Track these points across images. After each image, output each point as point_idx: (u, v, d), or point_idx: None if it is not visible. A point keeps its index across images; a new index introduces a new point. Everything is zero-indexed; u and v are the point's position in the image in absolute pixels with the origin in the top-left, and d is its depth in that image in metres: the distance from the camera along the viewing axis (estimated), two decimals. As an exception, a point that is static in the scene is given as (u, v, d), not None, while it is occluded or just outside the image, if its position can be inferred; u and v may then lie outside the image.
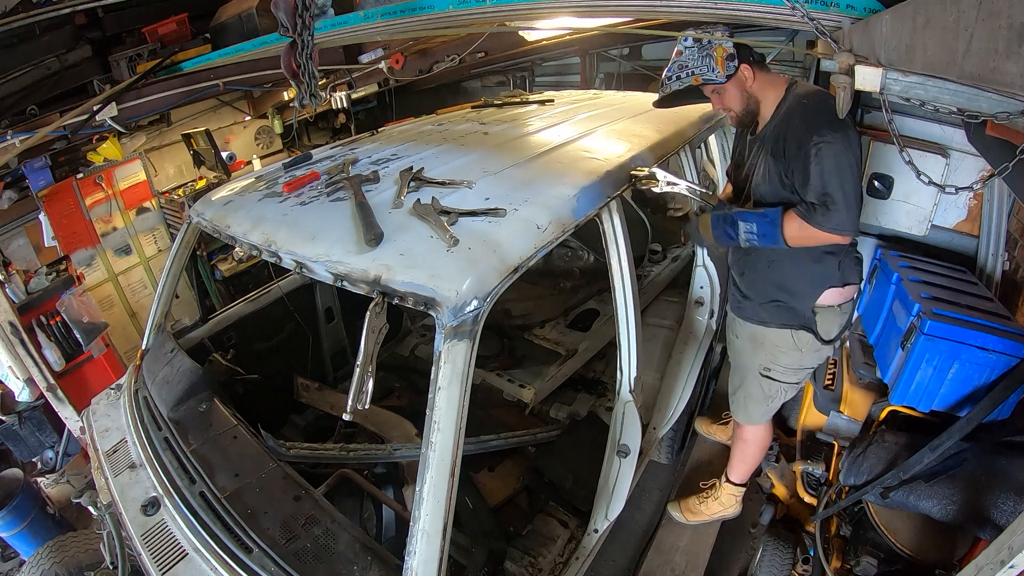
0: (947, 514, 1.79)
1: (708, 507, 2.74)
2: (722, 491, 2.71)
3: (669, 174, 1.90)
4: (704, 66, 1.87)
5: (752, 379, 2.32)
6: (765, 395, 2.32)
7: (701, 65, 1.87)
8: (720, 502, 2.72)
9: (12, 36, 3.09)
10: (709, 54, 1.87)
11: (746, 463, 2.63)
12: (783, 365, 2.21)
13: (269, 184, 1.98)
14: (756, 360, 2.27)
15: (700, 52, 1.87)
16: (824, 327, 2.10)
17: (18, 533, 2.80)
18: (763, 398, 2.33)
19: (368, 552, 1.47)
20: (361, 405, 1.22)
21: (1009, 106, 0.98)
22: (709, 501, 2.74)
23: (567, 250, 3.51)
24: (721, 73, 1.87)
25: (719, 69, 1.87)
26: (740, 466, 2.64)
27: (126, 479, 1.80)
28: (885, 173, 2.97)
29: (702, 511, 2.75)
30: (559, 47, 4.56)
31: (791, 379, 2.25)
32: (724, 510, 2.72)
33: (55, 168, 3.62)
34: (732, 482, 2.68)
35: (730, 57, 1.86)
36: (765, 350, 2.22)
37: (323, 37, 2.31)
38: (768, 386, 2.28)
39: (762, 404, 2.35)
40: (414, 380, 3.03)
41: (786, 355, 2.18)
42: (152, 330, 2.27)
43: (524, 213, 1.56)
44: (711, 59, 1.87)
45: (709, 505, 2.74)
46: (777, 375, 2.24)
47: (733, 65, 1.87)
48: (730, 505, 2.72)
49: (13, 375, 3.05)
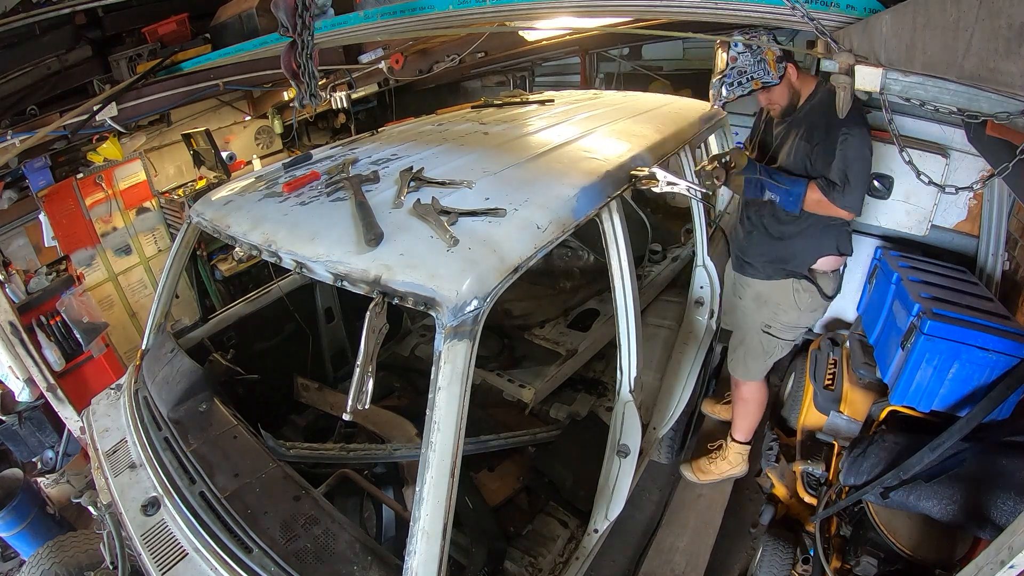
0: (947, 514, 1.79)
1: (717, 466, 2.97)
2: (729, 450, 2.95)
3: (669, 174, 1.90)
4: (761, 70, 2.10)
5: (753, 336, 2.59)
6: (764, 351, 2.59)
7: (758, 70, 2.10)
8: (728, 460, 2.95)
9: (12, 36, 3.09)
10: (762, 59, 2.09)
11: (747, 419, 2.86)
12: (782, 322, 2.50)
13: (269, 184, 1.98)
14: (759, 317, 2.55)
15: (754, 57, 2.08)
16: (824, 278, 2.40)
17: (18, 533, 2.80)
18: (762, 354, 2.60)
19: (368, 552, 1.47)
20: (361, 405, 1.22)
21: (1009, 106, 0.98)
22: (718, 460, 2.97)
23: (567, 250, 3.51)
24: (775, 75, 2.11)
25: (772, 72, 2.10)
26: (743, 423, 2.87)
27: (126, 479, 1.80)
28: (885, 173, 2.97)
29: (712, 470, 2.98)
30: (559, 47, 4.55)
31: (788, 336, 2.54)
32: (732, 468, 2.94)
33: (55, 168, 3.62)
34: (737, 440, 2.91)
35: (779, 59, 2.10)
36: (768, 307, 2.51)
37: (323, 37, 2.31)
38: (768, 342, 2.56)
39: (760, 360, 2.62)
40: (414, 380, 3.02)
41: (787, 313, 2.47)
42: (152, 330, 2.27)
43: (524, 213, 1.56)
44: (765, 63, 2.09)
45: (718, 464, 2.97)
46: (776, 332, 2.53)
47: (782, 66, 2.12)
48: (737, 464, 2.94)
49: (13, 375, 3.05)
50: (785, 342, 2.57)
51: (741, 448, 2.94)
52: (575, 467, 2.18)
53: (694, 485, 3.01)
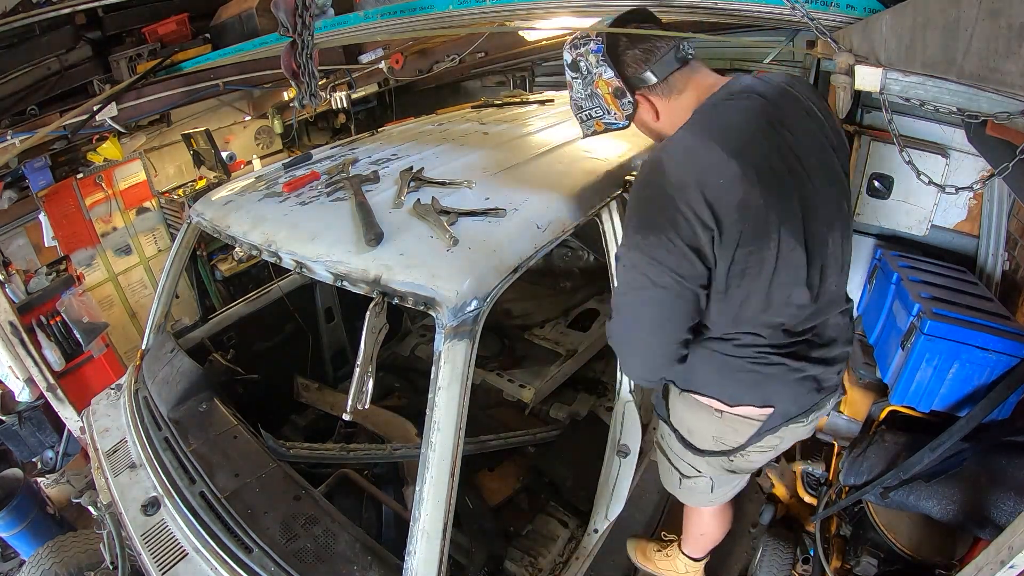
0: (947, 514, 1.79)
1: (661, 561, 2.31)
2: (675, 556, 2.26)
3: None
4: (598, 107, 1.41)
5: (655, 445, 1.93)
6: (664, 470, 1.86)
7: (594, 106, 1.42)
8: (673, 565, 2.26)
9: (12, 36, 3.09)
10: (594, 92, 1.39)
11: (690, 541, 2.17)
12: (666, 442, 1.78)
13: (269, 184, 1.98)
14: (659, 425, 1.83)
15: (585, 88, 1.41)
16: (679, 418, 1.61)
17: (18, 533, 2.80)
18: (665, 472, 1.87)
19: (368, 552, 1.47)
20: (361, 405, 1.22)
21: (1009, 106, 0.98)
22: (662, 556, 2.32)
23: (567, 250, 3.51)
24: (619, 115, 1.40)
25: (615, 110, 1.39)
26: (687, 539, 2.19)
27: (126, 479, 1.80)
28: (885, 173, 2.97)
29: (654, 561, 2.33)
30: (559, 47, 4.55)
31: (679, 466, 1.75)
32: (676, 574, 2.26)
33: (55, 168, 3.62)
34: (684, 553, 2.22)
35: (619, 92, 1.36)
36: None
37: (323, 37, 2.31)
38: (663, 461, 1.84)
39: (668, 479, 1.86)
40: (414, 380, 3.02)
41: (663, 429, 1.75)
42: (152, 330, 2.27)
43: (524, 213, 1.56)
44: (599, 98, 1.40)
45: (662, 560, 2.31)
46: (666, 450, 1.80)
47: (629, 101, 1.36)
48: (682, 572, 2.24)
49: (13, 375, 3.05)
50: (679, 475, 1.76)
51: (689, 563, 2.20)
52: (575, 467, 2.18)
53: None
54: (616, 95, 1.36)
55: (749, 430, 1.49)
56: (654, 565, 2.34)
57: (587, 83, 1.39)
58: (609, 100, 1.38)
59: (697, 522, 2.05)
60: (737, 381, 1.42)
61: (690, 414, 1.56)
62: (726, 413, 1.48)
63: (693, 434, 1.59)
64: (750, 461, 1.58)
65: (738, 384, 1.43)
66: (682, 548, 2.23)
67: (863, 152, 3.00)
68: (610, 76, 1.34)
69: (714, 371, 1.43)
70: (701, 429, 1.56)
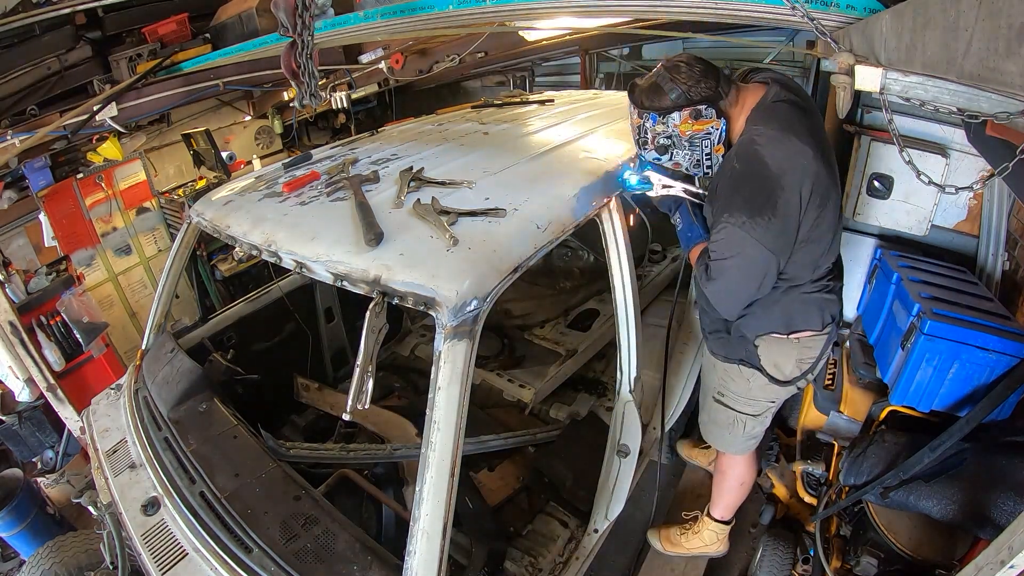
0: (947, 514, 1.78)
1: (689, 541, 2.52)
2: (703, 526, 2.50)
3: (664, 177, 1.81)
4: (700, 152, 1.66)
5: (710, 402, 2.18)
6: (724, 422, 2.13)
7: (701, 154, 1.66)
8: (701, 538, 2.50)
9: (12, 36, 3.09)
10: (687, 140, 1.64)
11: (723, 498, 2.41)
12: (733, 392, 2.05)
13: (269, 184, 1.98)
14: (711, 382, 2.15)
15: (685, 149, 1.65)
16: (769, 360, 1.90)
17: (18, 533, 2.80)
18: (723, 425, 2.14)
19: (368, 552, 1.47)
20: (361, 405, 1.22)
21: (1009, 106, 0.98)
22: (690, 535, 2.54)
23: (567, 250, 3.50)
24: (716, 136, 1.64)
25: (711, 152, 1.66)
26: (719, 500, 2.44)
27: (126, 479, 1.80)
28: (885, 173, 2.97)
29: (682, 544, 2.54)
30: (559, 47, 4.55)
31: (745, 409, 2.06)
32: (706, 547, 2.50)
33: (55, 168, 3.62)
34: (713, 518, 2.47)
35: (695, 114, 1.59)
36: (717, 373, 2.10)
37: (323, 37, 2.31)
38: (723, 413, 2.10)
39: (724, 431, 2.15)
40: (414, 380, 3.02)
41: (735, 382, 2.03)
42: (152, 330, 2.27)
43: (524, 213, 1.56)
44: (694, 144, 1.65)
45: (690, 539, 2.52)
46: (729, 402, 2.07)
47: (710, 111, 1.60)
48: (712, 543, 2.49)
49: (13, 375, 3.05)
50: (745, 416, 2.07)
51: (718, 527, 2.47)
52: (575, 467, 2.18)
53: (694, 484, 2.96)
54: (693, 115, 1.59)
55: (820, 344, 1.90)
56: (682, 547, 2.54)
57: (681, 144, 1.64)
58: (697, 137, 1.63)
59: (738, 474, 2.32)
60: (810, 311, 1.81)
61: (776, 349, 1.89)
62: (802, 338, 1.86)
63: (780, 367, 1.91)
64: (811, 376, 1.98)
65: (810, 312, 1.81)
66: (712, 514, 2.47)
67: (863, 152, 3.00)
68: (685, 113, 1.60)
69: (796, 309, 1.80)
70: (786, 358, 1.90)
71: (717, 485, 2.43)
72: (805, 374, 1.93)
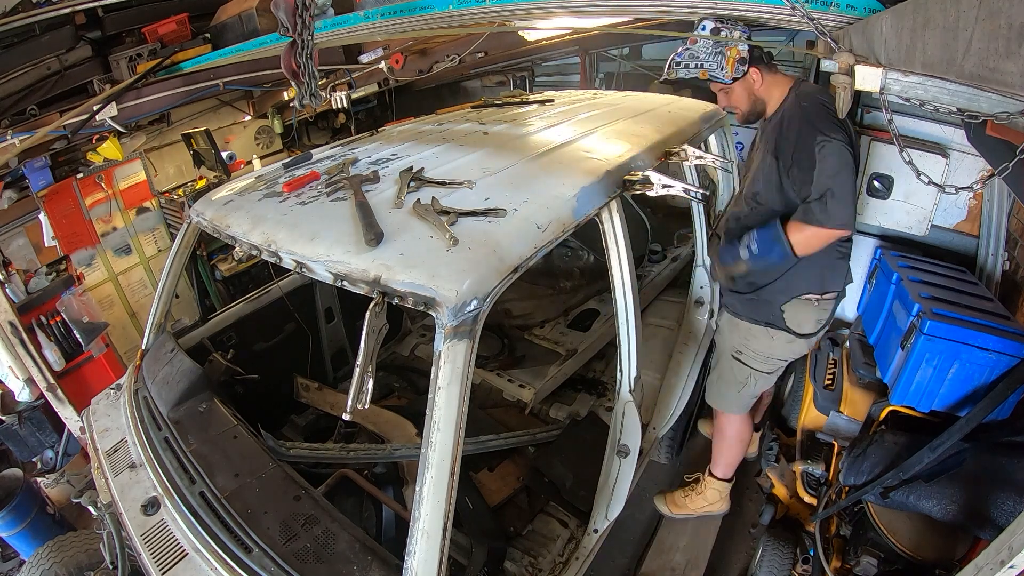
0: (947, 514, 1.79)
1: (692, 501, 2.70)
2: (706, 486, 2.67)
3: (664, 176, 1.86)
4: (714, 63, 1.88)
5: (726, 361, 2.36)
6: (737, 379, 2.33)
7: (711, 61, 1.88)
8: (704, 497, 2.67)
9: (12, 36, 3.09)
10: (722, 52, 1.87)
11: (724, 456, 2.59)
12: (754, 350, 2.25)
13: (269, 184, 1.98)
14: (731, 341, 2.33)
15: (714, 48, 1.87)
16: (794, 321, 2.14)
17: (18, 533, 2.80)
18: (735, 383, 2.34)
19: (368, 552, 1.47)
20: (361, 405, 1.21)
21: (1009, 106, 0.98)
22: (693, 495, 2.70)
23: (567, 250, 3.50)
24: (729, 74, 1.91)
25: (728, 70, 1.90)
26: (720, 459, 2.61)
27: (126, 479, 1.80)
28: (885, 173, 2.97)
29: (686, 504, 2.71)
30: (559, 47, 4.55)
31: (762, 367, 2.27)
32: (709, 505, 2.67)
33: (55, 168, 3.62)
34: (715, 476, 2.65)
35: (741, 61, 1.89)
36: (739, 332, 2.28)
37: (323, 37, 2.31)
38: (740, 370, 2.31)
39: (733, 388, 2.35)
40: (414, 380, 3.02)
41: (758, 340, 2.23)
42: (152, 330, 2.27)
43: (524, 213, 1.56)
44: (723, 58, 1.88)
45: (693, 499, 2.70)
46: (748, 360, 2.28)
47: (743, 69, 1.91)
48: (715, 500, 2.66)
49: (13, 375, 3.05)
50: (759, 373, 2.28)
51: (719, 485, 2.65)
52: (575, 467, 2.18)
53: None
54: (738, 62, 1.89)
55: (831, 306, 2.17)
56: (688, 508, 2.71)
57: (719, 45, 1.86)
58: (730, 63, 1.89)
59: (737, 429, 2.52)
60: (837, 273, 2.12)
61: (799, 309, 2.12)
62: (821, 300, 2.12)
63: (802, 324, 2.14)
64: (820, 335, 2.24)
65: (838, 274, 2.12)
66: (713, 472, 2.65)
67: (863, 152, 3.01)
68: (744, 48, 1.87)
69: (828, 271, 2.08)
70: (808, 318, 2.14)
71: (717, 444, 2.60)
72: (819, 330, 2.20)
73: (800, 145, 1.88)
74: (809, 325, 2.16)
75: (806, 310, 2.13)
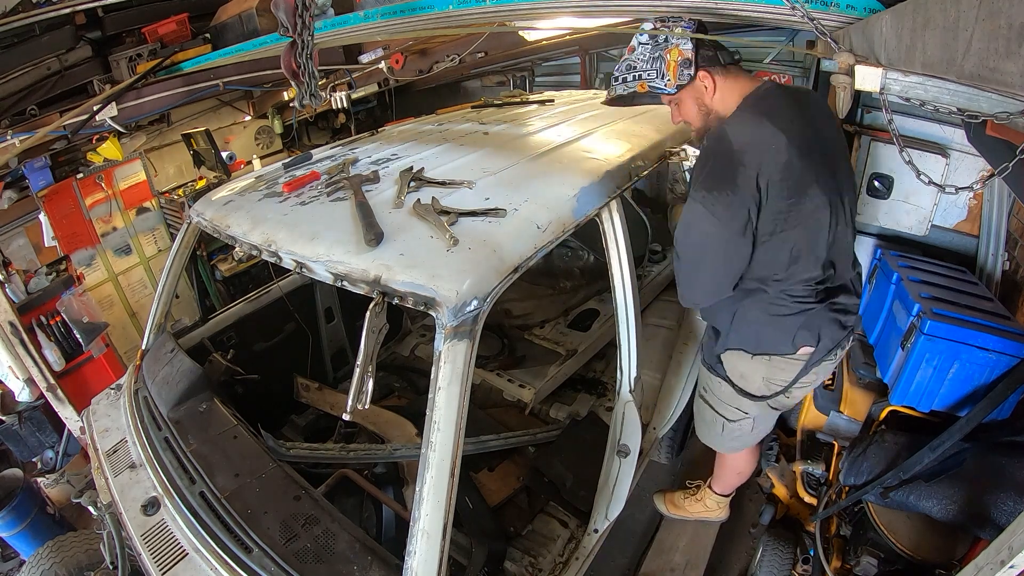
0: (947, 514, 1.79)
1: (691, 505, 2.67)
2: (705, 495, 2.63)
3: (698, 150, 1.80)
4: (653, 70, 1.59)
5: (696, 399, 2.20)
6: (707, 420, 2.10)
7: (650, 69, 1.60)
8: (703, 504, 2.64)
9: (12, 36, 3.09)
10: (661, 56, 1.58)
11: (723, 480, 2.53)
12: (713, 392, 2.02)
13: (269, 184, 1.98)
14: (701, 379, 2.15)
15: (652, 52, 1.59)
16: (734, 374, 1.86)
17: (18, 533, 2.80)
18: (707, 422, 2.11)
19: (368, 552, 1.47)
20: (361, 405, 1.22)
21: (1009, 106, 0.97)
22: (692, 500, 2.68)
23: (567, 250, 3.50)
24: (672, 82, 1.60)
25: (669, 76, 1.59)
26: (719, 480, 2.56)
27: (126, 479, 1.80)
28: (885, 173, 2.97)
29: (684, 507, 2.68)
30: (559, 47, 4.55)
31: (723, 412, 2.01)
32: (707, 512, 2.63)
33: (55, 168, 3.62)
34: (714, 491, 2.59)
35: (685, 63, 1.57)
36: (703, 371, 2.08)
37: (323, 37, 2.31)
38: (706, 411, 2.08)
39: (707, 428, 2.13)
40: (414, 380, 3.02)
41: (712, 382, 2.00)
42: (152, 330, 2.27)
43: (524, 213, 1.56)
44: (662, 62, 1.58)
45: (692, 504, 2.67)
46: (711, 401, 2.04)
47: (688, 73, 1.58)
48: (713, 509, 2.62)
49: (13, 375, 3.05)
50: (722, 418, 2.01)
51: (719, 498, 2.59)
52: (575, 467, 2.18)
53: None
54: (682, 65, 1.58)
55: (795, 369, 1.77)
56: (685, 511, 2.67)
57: (657, 48, 1.59)
58: (671, 67, 1.58)
59: (733, 464, 2.37)
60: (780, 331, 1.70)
61: (742, 364, 1.83)
62: (774, 357, 1.76)
63: (747, 380, 1.84)
64: (792, 397, 1.87)
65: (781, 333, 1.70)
66: (713, 488, 2.57)
67: (863, 152, 3.00)
68: (687, 48, 1.56)
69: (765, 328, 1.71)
70: (752, 374, 1.82)
71: (717, 467, 2.53)
72: (777, 395, 1.82)
73: None
74: (754, 385, 1.84)
75: (747, 364, 1.82)
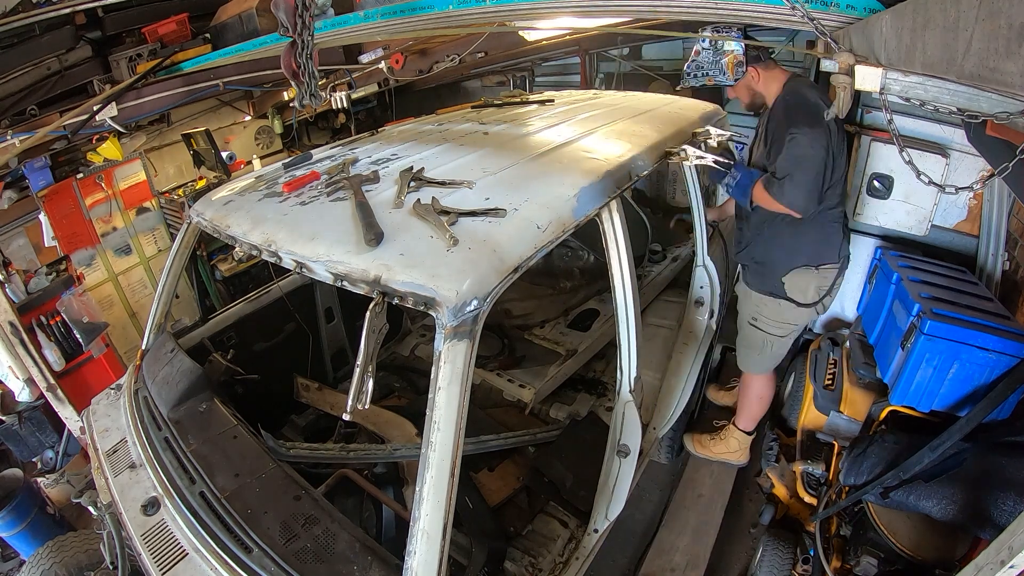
0: (947, 514, 1.79)
1: (716, 446, 3.02)
2: (730, 435, 2.97)
3: (698, 150, 2.20)
4: (716, 70, 2.23)
5: (744, 328, 2.68)
6: (755, 344, 2.62)
7: (714, 68, 2.23)
8: (727, 444, 2.98)
9: (12, 36, 3.09)
10: (722, 59, 2.21)
11: (748, 411, 2.89)
12: (766, 316, 2.54)
13: (269, 184, 1.98)
14: (747, 309, 2.64)
15: (714, 56, 2.21)
16: (794, 291, 2.41)
17: (18, 533, 2.80)
18: (754, 346, 2.64)
19: (368, 552, 1.47)
20: (361, 405, 1.22)
21: (1009, 106, 0.98)
22: (717, 440, 3.02)
23: (567, 250, 3.50)
24: (731, 77, 2.25)
25: (728, 74, 2.24)
26: (743, 413, 2.91)
27: (126, 479, 1.80)
28: (885, 173, 2.97)
29: (710, 447, 3.03)
30: (559, 47, 4.56)
31: (776, 331, 2.55)
32: (730, 453, 2.97)
33: (55, 168, 3.62)
34: (738, 427, 2.94)
35: (739, 64, 2.21)
36: (751, 302, 2.59)
37: (323, 37, 2.31)
38: (757, 335, 2.60)
39: (754, 352, 2.66)
40: (414, 380, 3.02)
41: (767, 307, 2.52)
42: (152, 330, 2.27)
43: (524, 213, 1.56)
44: (722, 64, 2.22)
45: (718, 444, 3.01)
46: (763, 325, 2.56)
47: (742, 70, 2.23)
48: (735, 450, 2.96)
49: (13, 375, 3.05)
50: (774, 337, 2.56)
51: (742, 437, 2.95)
52: (575, 467, 2.18)
53: (695, 484, 2.99)
54: (737, 65, 2.21)
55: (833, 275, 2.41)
56: (710, 451, 3.04)
57: (718, 55, 2.20)
58: (729, 67, 2.22)
59: (759, 389, 2.82)
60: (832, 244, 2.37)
61: (803, 279, 2.40)
62: (819, 270, 2.38)
63: (804, 293, 2.41)
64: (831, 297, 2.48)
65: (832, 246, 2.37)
66: (737, 424, 2.96)
67: (863, 152, 3.01)
68: (740, 52, 2.19)
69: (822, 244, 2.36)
70: (807, 288, 2.41)
71: (741, 400, 2.93)
72: (823, 298, 2.44)
73: (777, 137, 2.19)
74: (810, 294, 2.41)
75: (804, 280, 2.39)
